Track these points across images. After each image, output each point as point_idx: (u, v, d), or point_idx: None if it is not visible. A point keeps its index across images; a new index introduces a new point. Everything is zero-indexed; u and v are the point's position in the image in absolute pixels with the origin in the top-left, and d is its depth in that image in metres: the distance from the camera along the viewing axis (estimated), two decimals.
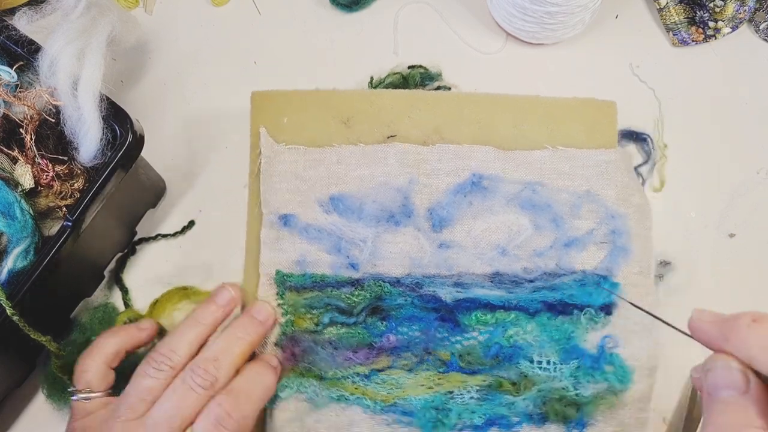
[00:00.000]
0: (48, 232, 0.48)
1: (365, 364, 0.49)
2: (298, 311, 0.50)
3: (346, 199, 0.52)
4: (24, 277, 0.45)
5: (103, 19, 0.50)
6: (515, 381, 0.48)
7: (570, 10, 0.57)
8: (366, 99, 0.54)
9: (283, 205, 0.52)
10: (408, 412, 0.48)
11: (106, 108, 0.48)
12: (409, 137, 0.53)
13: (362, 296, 0.50)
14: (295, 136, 0.53)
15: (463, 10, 0.64)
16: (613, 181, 0.52)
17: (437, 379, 0.49)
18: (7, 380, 0.52)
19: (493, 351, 0.49)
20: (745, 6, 0.62)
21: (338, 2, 0.64)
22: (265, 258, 0.51)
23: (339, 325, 0.50)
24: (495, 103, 0.54)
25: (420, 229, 0.52)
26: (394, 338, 0.50)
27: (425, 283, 0.50)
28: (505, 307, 0.50)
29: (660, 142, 0.59)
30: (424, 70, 0.61)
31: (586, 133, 0.54)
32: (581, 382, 0.48)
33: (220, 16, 0.64)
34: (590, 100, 0.54)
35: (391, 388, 0.48)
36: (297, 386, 0.48)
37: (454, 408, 0.48)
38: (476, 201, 0.52)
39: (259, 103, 0.54)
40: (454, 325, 0.50)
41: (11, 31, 0.49)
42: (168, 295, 0.54)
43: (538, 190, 0.52)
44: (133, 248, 0.57)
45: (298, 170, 0.53)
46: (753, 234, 0.58)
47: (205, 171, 0.59)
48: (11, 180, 0.47)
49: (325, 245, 0.51)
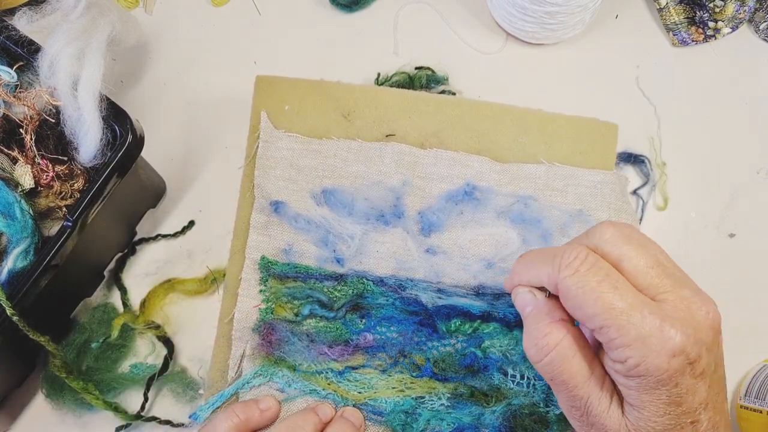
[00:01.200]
0: (48, 232, 0.48)
1: (340, 361, 0.49)
2: (279, 299, 0.50)
3: (338, 194, 0.52)
4: (24, 277, 0.45)
5: (103, 19, 0.50)
6: (487, 392, 0.48)
7: (570, 10, 0.57)
8: (369, 95, 0.54)
9: (275, 192, 0.52)
10: (378, 412, 0.48)
11: (106, 108, 0.48)
12: (407, 138, 0.53)
13: (344, 292, 0.50)
14: (294, 124, 0.54)
15: (463, 10, 0.64)
16: (606, 202, 0.52)
17: (409, 383, 0.48)
18: (7, 380, 0.52)
19: (467, 360, 0.49)
20: (745, 6, 0.62)
21: (338, 2, 0.64)
22: (253, 242, 0.51)
23: (318, 318, 0.50)
24: (497, 114, 0.54)
25: (408, 232, 0.52)
26: (371, 337, 0.50)
27: (408, 285, 0.50)
28: (485, 318, 0.49)
29: (659, 160, 0.59)
30: (431, 72, 0.61)
31: (584, 152, 0.53)
32: (553, 399, 0.48)
33: (220, 16, 0.64)
34: (593, 120, 0.54)
35: (363, 388, 0.48)
36: (270, 375, 0.48)
37: (423, 413, 0.48)
38: (467, 211, 0.52)
39: (263, 87, 0.54)
40: (432, 330, 0.49)
41: (11, 31, 0.49)
42: (154, 292, 0.55)
43: (530, 205, 0.52)
44: (133, 248, 0.57)
45: (294, 158, 0.53)
46: (753, 234, 0.58)
47: (205, 171, 0.59)
48: (11, 180, 0.47)
49: (312, 237, 0.52)
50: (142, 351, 0.54)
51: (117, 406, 0.51)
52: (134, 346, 0.54)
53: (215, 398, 0.48)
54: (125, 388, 0.53)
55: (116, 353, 0.53)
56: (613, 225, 0.39)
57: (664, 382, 0.36)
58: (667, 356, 0.35)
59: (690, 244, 0.58)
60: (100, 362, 0.52)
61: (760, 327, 0.56)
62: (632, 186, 0.58)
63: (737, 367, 0.54)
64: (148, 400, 0.52)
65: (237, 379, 0.48)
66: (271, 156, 0.53)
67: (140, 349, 0.54)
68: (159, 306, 0.55)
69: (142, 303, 0.54)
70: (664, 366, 0.35)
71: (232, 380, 0.48)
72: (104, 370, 0.52)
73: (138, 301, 0.55)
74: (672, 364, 0.35)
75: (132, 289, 0.56)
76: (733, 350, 0.43)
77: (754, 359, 0.55)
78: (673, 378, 0.36)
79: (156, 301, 0.55)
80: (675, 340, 0.35)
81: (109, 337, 0.52)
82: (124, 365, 0.53)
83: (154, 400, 0.53)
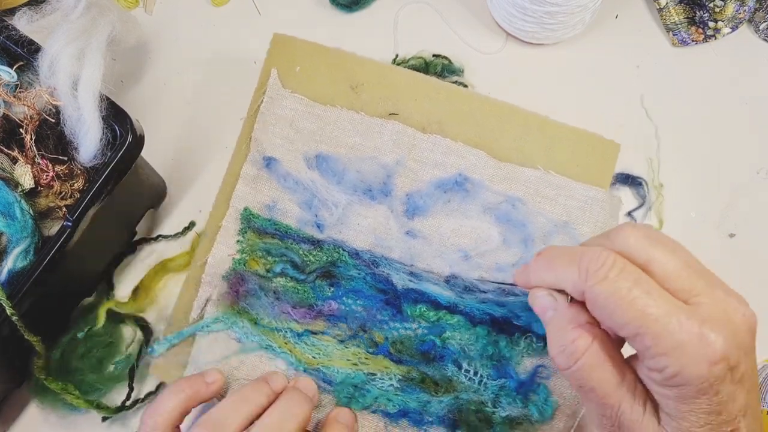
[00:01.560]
0: (48, 232, 0.48)
1: (301, 323, 0.49)
2: (255, 253, 0.51)
3: (331, 161, 0.53)
4: (24, 277, 0.45)
5: (103, 19, 0.50)
6: (438, 381, 0.48)
7: (570, 10, 0.57)
8: (380, 71, 0.55)
9: (270, 148, 0.53)
10: (328, 380, 0.48)
11: (106, 108, 0.48)
12: (410, 120, 0.54)
13: (318, 257, 0.51)
14: (302, 86, 0.54)
15: (463, 10, 0.64)
16: (593, 219, 0.52)
17: (364, 358, 0.49)
18: (7, 380, 0.52)
19: (425, 347, 0.49)
20: (745, 6, 0.62)
21: (338, 2, 0.64)
22: (240, 192, 0.52)
23: (288, 278, 0.51)
24: (503, 112, 0.54)
25: (393, 211, 0.52)
26: (336, 306, 0.50)
27: (382, 263, 0.51)
28: (450, 310, 0.50)
29: (656, 181, 0.59)
30: (448, 62, 0.61)
31: (582, 165, 0.53)
32: (501, 401, 0.48)
33: (220, 16, 0.64)
34: (596, 136, 0.54)
35: (317, 354, 0.49)
36: (231, 324, 0.49)
37: (372, 390, 0.48)
38: (454, 200, 0.52)
39: (278, 45, 0.55)
40: (397, 311, 0.50)
41: (11, 31, 0.49)
42: (149, 276, 0.55)
43: (518, 207, 0.52)
44: (133, 248, 0.57)
45: (295, 119, 0.53)
46: (753, 234, 0.58)
47: (205, 171, 0.59)
48: (11, 180, 0.47)
49: (298, 198, 0.52)
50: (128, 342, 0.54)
51: (99, 403, 0.51)
52: (120, 342, 0.54)
53: (173, 336, 0.49)
54: (113, 385, 0.53)
55: (101, 351, 0.52)
56: (636, 227, 0.37)
57: (704, 390, 0.33)
58: (708, 364, 0.33)
59: (690, 244, 0.58)
60: (85, 361, 0.52)
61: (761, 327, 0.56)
62: (628, 207, 0.58)
63: None
64: (134, 389, 0.53)
65: (198, 321, 0.49)
66: (274, 113, 0.53)
67: (127, 341, 0.54)
68: (154, 290, 0.55)
69: (135, 289, 0.55)
70: (704, 374, 0.33)
71: (193, 321, 0.49)
72: (88, 370, 0.51)
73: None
74: (713, 371, 0.33)
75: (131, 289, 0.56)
76: None
77: None
78: (714, 386, 0.33)
79: (151, 285, 0.55)
80: (715, 346, 0.33)
81: (95, 326, 0.52)
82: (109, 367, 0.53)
83: (142, 387, 0.53)
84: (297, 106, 0.54)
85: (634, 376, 0.37)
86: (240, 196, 0.52)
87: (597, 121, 0.61)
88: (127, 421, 0.53)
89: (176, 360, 0.49)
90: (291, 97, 0.54)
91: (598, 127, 0.61)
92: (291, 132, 0.53)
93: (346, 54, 0.55)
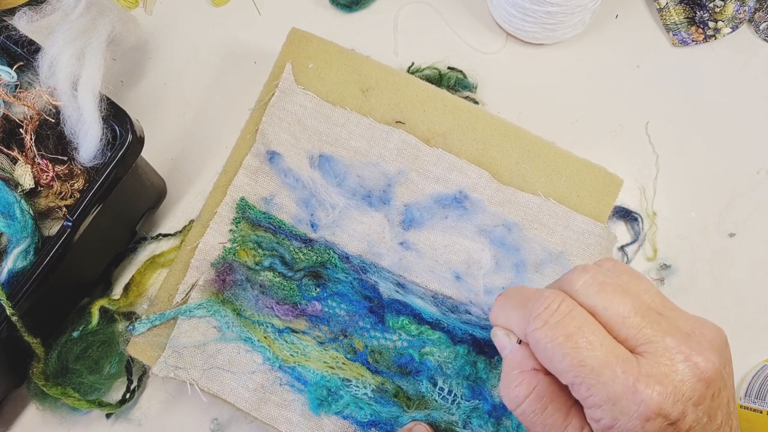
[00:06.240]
0: (48, 232, 0.48)
1: (283, 320, 0.50)
2: (246, 244, 0.51)
3: (334, 162, 0.53)
4: (24, 277, 0.45)
5: (103, 19, 0.50)
6: (411, 396, 0.48)
7: (570, 10, 0.57)
8: (392, 77, 0.55)
9: (275, 142, 0.53)
10: (303, 380, 0.48)
11: (106, 108, 0.48)
12: (415, 130, 0.54)
13: (309, 256, 0.51)
14: (313, 84, 0.54)
15: (463, 10, 0.64)
16: (588, 253, 0.52)
17: (341, 363, 0.49)
18: (7, 380, 0.52)
19: (403, 360, 0.49)
20: (745, 6, 0.62)
21: (338, 2, 0.64)
22: (239, 181, 0.52)
23: (276, 273, 0.51)
24: (509, 133, 0.53)
25: (389, 220, 0.52)
26: (320, 307, 0.50)
27: (371, 270, 0.51)
28: (433, 326, 0.50)
29: (650, 210, 0.58)
30: (462, 76, 0.61)
31: (582, 196, 0.52)
32: (472, 423, 0.48)
33: (220, 16, 0.64)
34: (599, 168, 0.53)
35: (295, 352, 0.49)
36: (213, 312, 0.49)
37: (345, 396, 0.48)
38: (452, 217, 0.52)
39: (295, 41, 0.55)
40: (380, 320, 0.50)
41: (11, 31, 0.49)
42: (140, 272, 0.55)
43: (514, 232, 0.52)
44: (133, 248, 0.57)
45: (304, 116, 0.53)
46: (753, 234, 0.58)
47: (205, 171, 0.59)
48: (11, 180, 0.47)
49: (296, 195, 0.52)
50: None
51: (101, 401, 0.51)
52: (115, 340, 0.53)
53: (155, 316, 0.49)
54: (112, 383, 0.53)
55: (97, 351, 0.52)
56: (586, 271, 0.36)
57: None
58: (641, 419, 0.32)
59: (690, 244, 0.58)
60: (82, 363, 0.51)
61: (760, 327, 0.56)
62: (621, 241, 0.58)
63: (737, 367, 0.54)
64: (133, 383, 0.53)
65: (181, 305, 0.49)
66: (283, 107, 0.53)
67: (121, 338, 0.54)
68: (144, 285, 0.55)
69: (126, 286, 0.55)
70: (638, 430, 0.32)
71: (177, 305, 0.49)
72: (86, 372, 0.51)
73: None
74: (647, 428, 0.32)
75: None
76: (733, 350, 0.42)
77: (754, 359, 0.55)
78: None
79: (142, 281, 0.55)
80: (649, 402, 0.32)
81: (89, 325, 0.52)
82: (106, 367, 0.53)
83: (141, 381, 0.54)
84: (307, 103, 0.54)
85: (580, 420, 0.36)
86: (238, 186, 0.52)
87: (597, 121, 0.61)
88: (130, 414, 0.53)
89: (155, 341, 0.49)
90: (302, 93, 0.54)
91: (598, 127, 0.61)
92: (298, 129, 0.53)
93: (361, 57, 0.55)
